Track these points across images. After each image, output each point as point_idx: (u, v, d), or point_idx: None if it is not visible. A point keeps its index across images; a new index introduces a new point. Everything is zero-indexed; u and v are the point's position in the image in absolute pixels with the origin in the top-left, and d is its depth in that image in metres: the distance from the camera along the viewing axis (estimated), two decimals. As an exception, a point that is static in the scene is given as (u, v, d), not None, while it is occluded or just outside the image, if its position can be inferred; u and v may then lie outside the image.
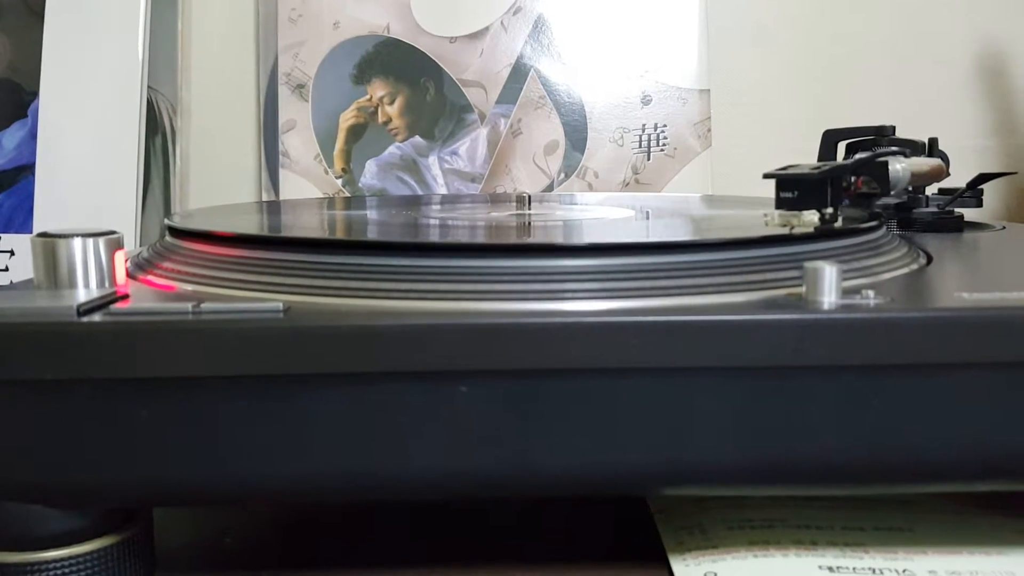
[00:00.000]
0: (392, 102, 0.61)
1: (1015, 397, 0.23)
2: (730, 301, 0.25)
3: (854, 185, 0.29)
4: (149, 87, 0.57)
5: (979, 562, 0.26)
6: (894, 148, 0.37)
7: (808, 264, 0.24)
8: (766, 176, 0.28)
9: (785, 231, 0.27)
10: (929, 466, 0.24)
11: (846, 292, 0.24)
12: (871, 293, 0.24)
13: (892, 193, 0.32)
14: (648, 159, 0.61)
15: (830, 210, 0.28)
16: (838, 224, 0.29)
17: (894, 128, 0.42)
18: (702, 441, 0.24)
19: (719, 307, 0.24)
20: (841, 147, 0.44)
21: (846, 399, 0.23)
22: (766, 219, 0.27)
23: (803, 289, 0.24)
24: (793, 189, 0.28)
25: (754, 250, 0.27)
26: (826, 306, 0.23)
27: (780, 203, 0.28)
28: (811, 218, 0.27)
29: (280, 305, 0.23)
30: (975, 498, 0.30)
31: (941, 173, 0.37)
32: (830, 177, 0.28)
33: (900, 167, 0.31)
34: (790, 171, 0.28)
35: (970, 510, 0.30)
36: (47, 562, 0.24)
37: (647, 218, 0.37)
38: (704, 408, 0.23)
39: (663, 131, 0.61)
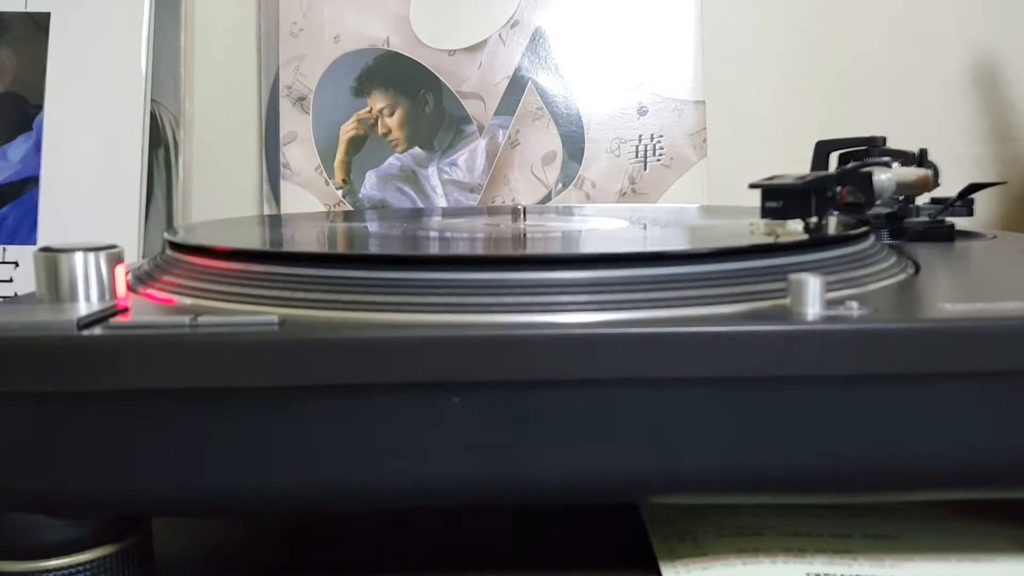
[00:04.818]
0: (392, 114, 0.62)
1: (998, 406, 0.24)
2: (716, 312, 0.25)
3: (839, 195, 0.30)
4: (152, 100, 0.57)
5: (966, 569, 0.27)
6: (885, 159, 0.38)
7: (792, 276, 0.24)
8: (752, 186, 0.29)
9: (770, 240, 0.28)
10: (914, 474, 0.25)
11: (831, 303, 0.24)
12: (855, 304, 0.24)
13: (878, 203, 0.32)
14: (644, 169, 0.61)
15: (815, 219, 0.28)
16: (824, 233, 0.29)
17: (885, 139, 0.42)
18: (690, 450, 0.24)
19: (705, 318, 0.24)
20: (833, 157, 0.45)
21: (831, 409, 0.24)
22: (752, 228, 0.28)
23: (788, 301, 0.24)
24: (778, 199, 0.28)
25: (741, 262, 0.27)
26: (810, 317, 0.24)
27: (765, 213, 0.29)
28: (796, 228, 0.27)
29: (275, 318, 0.24)
30: (963, 506, 0.31)
31: (928, 183, 0.37)
32: (814, 187, 0.28)
33: (885, 177, 0.32)
34: (775, 181, 0.29)
35: (958, 518, 0.30)
36: (48, 571, 0.25)
37: (638, 230, 0.38)
38: (691, 418, 0.24)
39: (659, 142, 0.61)
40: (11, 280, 0.56)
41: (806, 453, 0.24)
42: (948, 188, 0.42)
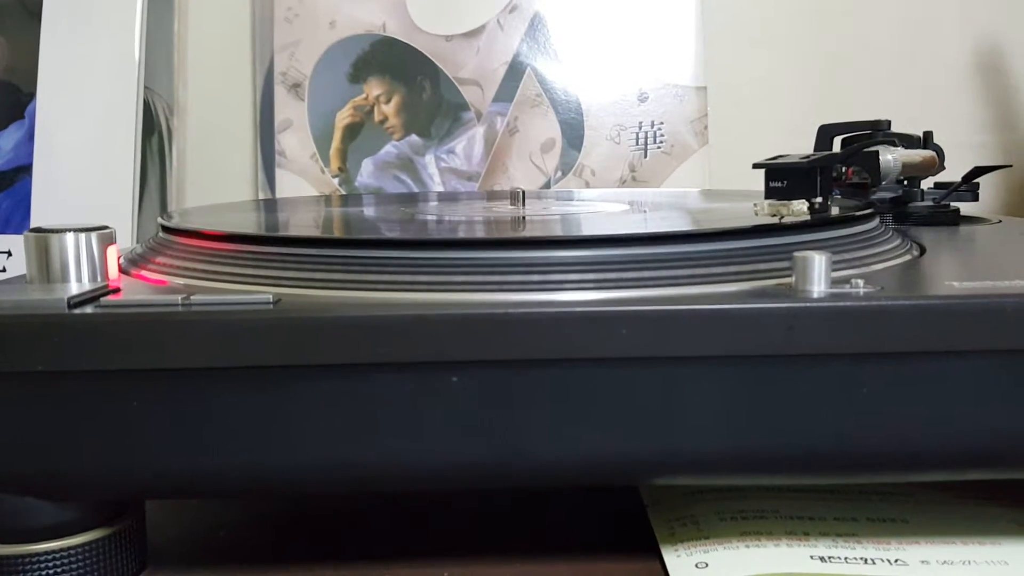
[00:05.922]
0: (388, 101, 0.61)
1: (1004, 384, 0.23)
2: (720, 291, 0.25)
3: (844, 175, 0.29)
4: (146, 87, 0.57)
5: (972, 552, 0.26)
6: (890, 141, 0.37)
7: (797, 254, 0.24)
8: (756, 166, 0.29)
9: (774, 220, 0.27)
10: (919, 454, 0.24)
11: (836, 282, 0.24)
12: (860, 282, 0.24)
13: (883, 183, 0.32)
14: (645, 156, 0.61)
15: (819, 200, 0.28)
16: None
17: (889, 123, 0.42)
18: (693, 430, 0.24)
19: (709, 297, 0.24)
20: (837, 142, 0.44)
21: (836, 387, 0.23)
22: (755, 208, 0.27)
23: (793, 279, 0.24)
24: (782, 179, 0.28)
25: (745, 240, 0.27)
26: (815, 295, 0.23)
27: (769, 193, 0.28)
28: (800, 208, 0.27)
29: (270, 297, 0.23)
30: (968, 488, 0.30)
31: (933, 165, 0.37)
32: (819, 167, 0.28)
33: (891, 157, 0.31)
34: (779, 161, 0.28)
35: (963, 501, 0.30)
36: (39, 554, 0.24)
37: (639, 211, 0.37)
38: (695, 397, 0.23)
39: (660, 128, 0.61)
40: (4, 270, 0.56)
41: (812, 432, 0.23)
42: (951, 176, 0.42)
